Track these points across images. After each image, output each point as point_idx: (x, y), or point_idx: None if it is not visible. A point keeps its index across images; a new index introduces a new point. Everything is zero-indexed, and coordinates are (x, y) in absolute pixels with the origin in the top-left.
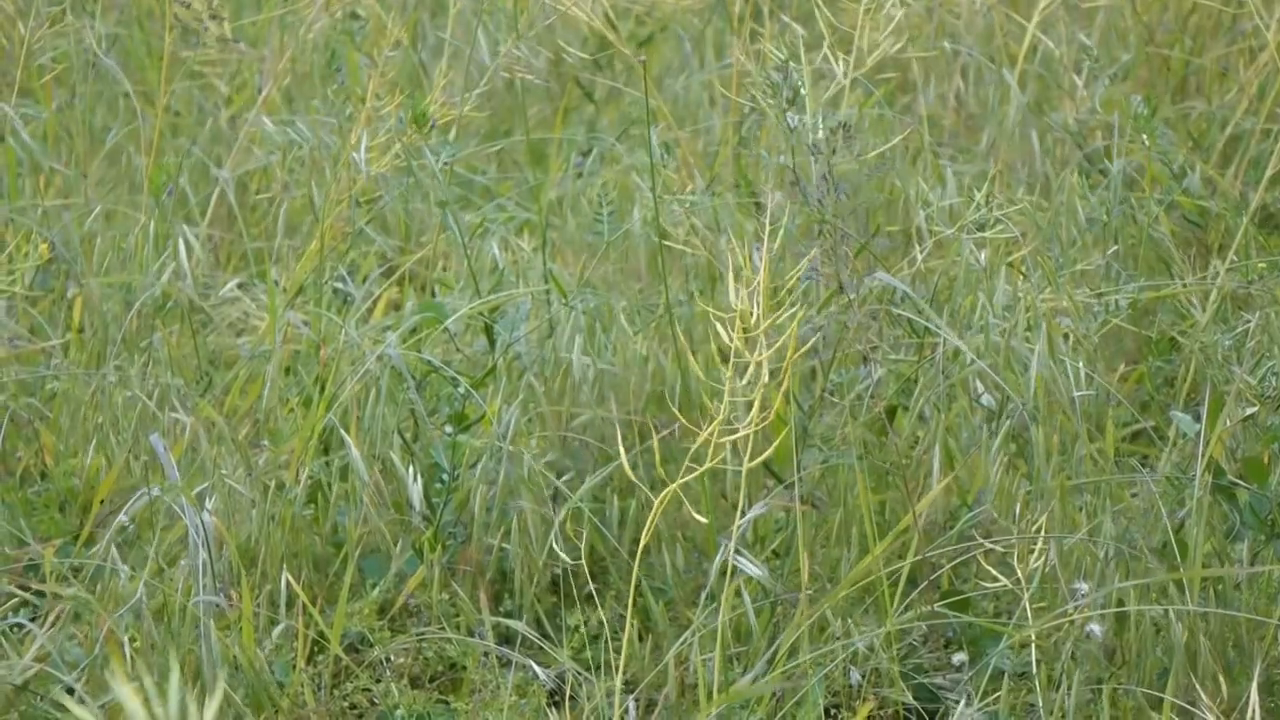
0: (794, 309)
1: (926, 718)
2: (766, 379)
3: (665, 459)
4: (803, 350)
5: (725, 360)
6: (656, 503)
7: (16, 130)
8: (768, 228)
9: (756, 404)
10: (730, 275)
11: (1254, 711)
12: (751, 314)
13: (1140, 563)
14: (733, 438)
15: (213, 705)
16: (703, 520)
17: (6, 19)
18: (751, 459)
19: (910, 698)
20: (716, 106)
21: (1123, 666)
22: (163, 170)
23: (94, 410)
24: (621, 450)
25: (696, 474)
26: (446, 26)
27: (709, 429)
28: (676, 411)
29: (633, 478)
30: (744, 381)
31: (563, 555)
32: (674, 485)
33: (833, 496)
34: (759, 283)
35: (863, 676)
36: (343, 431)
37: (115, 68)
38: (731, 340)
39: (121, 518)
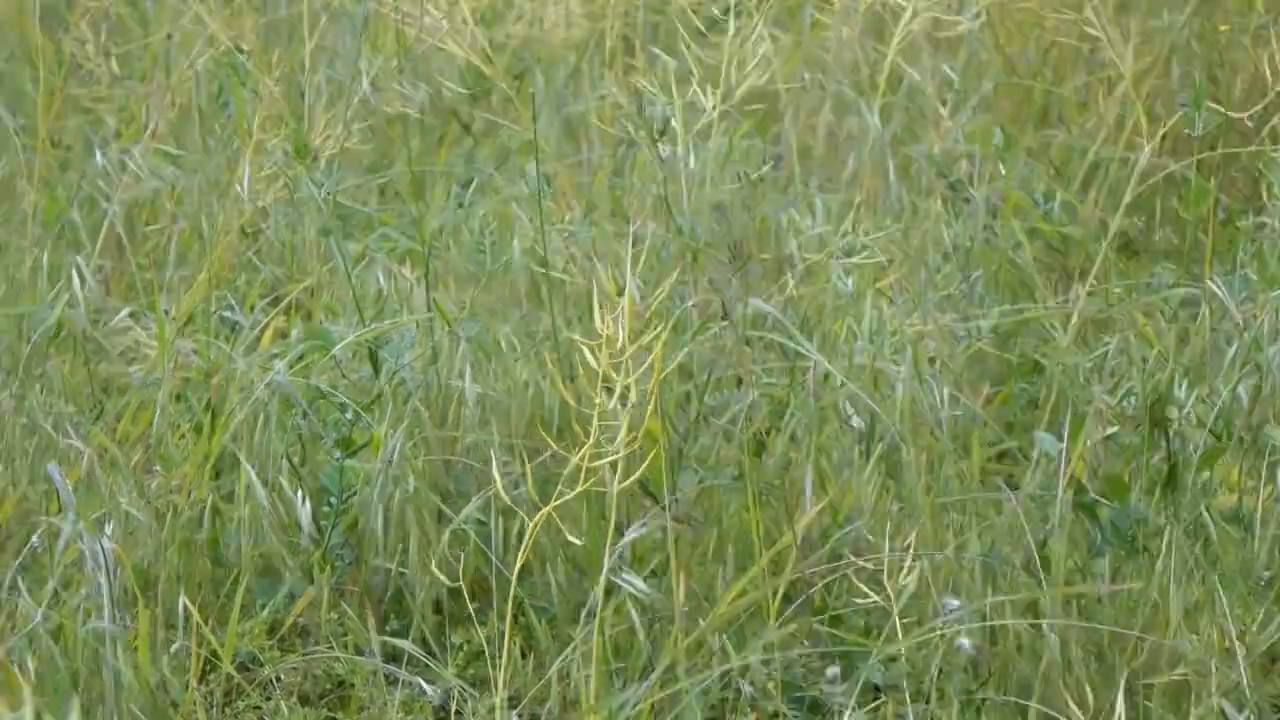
0: (659, 332)
1: None
2: (635, 402)
3: (548, 481)
4: (666, 371)
5: (605, 386)
6: (531, 526)
7: None
8: (629, 255)
9: (624, 427)
10: (596, 302)
11: (1120, 717)
12: (618, 339)
13: (1008, 578)
14: (602, 462)
15: None
16: (577, 542)
17: None
18: (624, 480)
19: (784, 709)
20: (592, 138)
21: (990, 679)
22: (55, 203)
23: None
24: (497, 475)
25: (570, 496)
26: (328, 61)
27: (580, 453)
28: (556, 435)
29: (509, 501)
30: (612, 405)
31: (441, 577)
32: (547, 508)
33: (709, 516)
34: (622, 308)
35: (737, 691)
36: (239, 455)
37: None
38: (599, 365)
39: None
